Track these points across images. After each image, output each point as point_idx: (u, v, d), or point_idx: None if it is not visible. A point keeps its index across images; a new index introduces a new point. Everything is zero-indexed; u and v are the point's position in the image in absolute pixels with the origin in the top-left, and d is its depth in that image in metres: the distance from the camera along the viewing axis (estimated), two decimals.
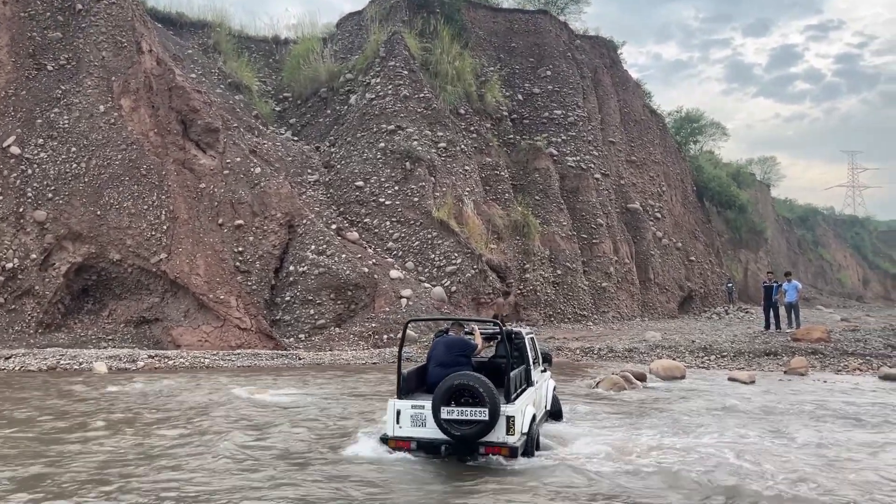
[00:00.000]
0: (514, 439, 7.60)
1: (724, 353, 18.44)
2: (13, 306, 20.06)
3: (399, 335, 20.55)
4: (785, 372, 16.00)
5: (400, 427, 7.87)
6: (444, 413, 7.57)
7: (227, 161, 22.05)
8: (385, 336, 20.85)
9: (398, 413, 7.90)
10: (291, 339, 20.71)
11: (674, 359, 17.57)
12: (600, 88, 35.72)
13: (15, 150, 21.07)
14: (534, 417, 8.31)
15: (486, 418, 7.47)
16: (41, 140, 21.32)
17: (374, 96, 27.38)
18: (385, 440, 7.98)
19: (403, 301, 21.87)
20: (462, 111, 29.27)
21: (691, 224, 39.91)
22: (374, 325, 21.24)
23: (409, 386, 8.38)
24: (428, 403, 7.74)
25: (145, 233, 20.93)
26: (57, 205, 20.80)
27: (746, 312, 35.31)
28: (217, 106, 23.51)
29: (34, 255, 20.40)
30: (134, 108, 21.97)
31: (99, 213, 20.89)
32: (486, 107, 30.58)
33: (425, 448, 7.76)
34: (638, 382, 14.23)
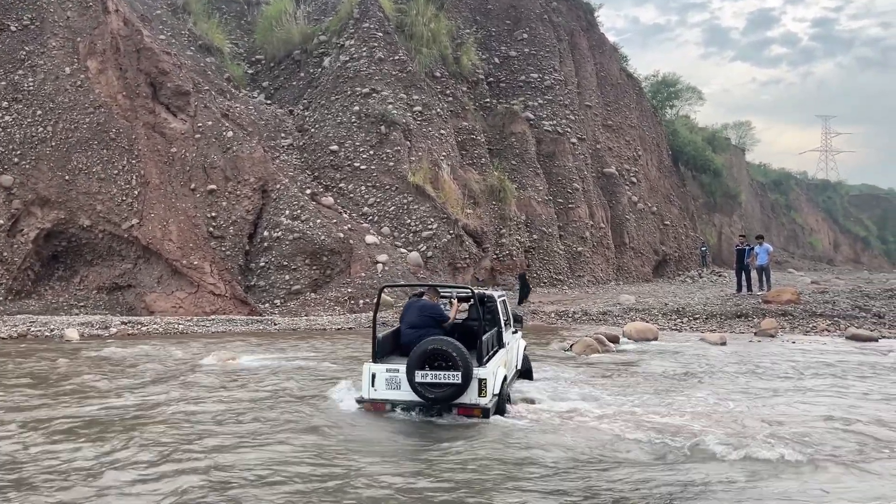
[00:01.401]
0: (486, 400, 7.80)
1: (697, 316, 18.72)
2: None
3: (375, 300, 20.62)
4: (755, 333, 16.29)
5: (375, 390, 8.04)
6: (419, 377, 7.75)
7: (199, 125, 21.67)
8: (361, 301, 20.85)
9: (373, 376, 8.03)
10: (267, 305, 20.64)
11: (647, 321, 17.81)
12: (577, 52, 35.50)
13: None
14: (505, 378, 8.49)
15: (460, 381, 7.66)
16: (5, 103, 20.77)
17: (348, 59, 26.97)
18: (360, 402, 8.11)
19: (379, 266, 21.85)
20: (438, 74, 28.96)
21: (666, 188, 40.15)
22: (349, 290, 21.22)
23: (384, 349, 8.50)
24: (402, 367, 7.89)
25: (116, 198, 20.60)
26: (24, 169, 20.36)
27: (720, 276, 35.79)
28: (187, 68, 23.02)
29: (1, 221, 20.02)
30: (101, 69, 21.44)
31: (67, 177, 20.49)
32: (462, 70, 30.29)
33: (399, 409, 7.94)
34: (611, 345, 14.41)
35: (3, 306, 19.37)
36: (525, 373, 10.47)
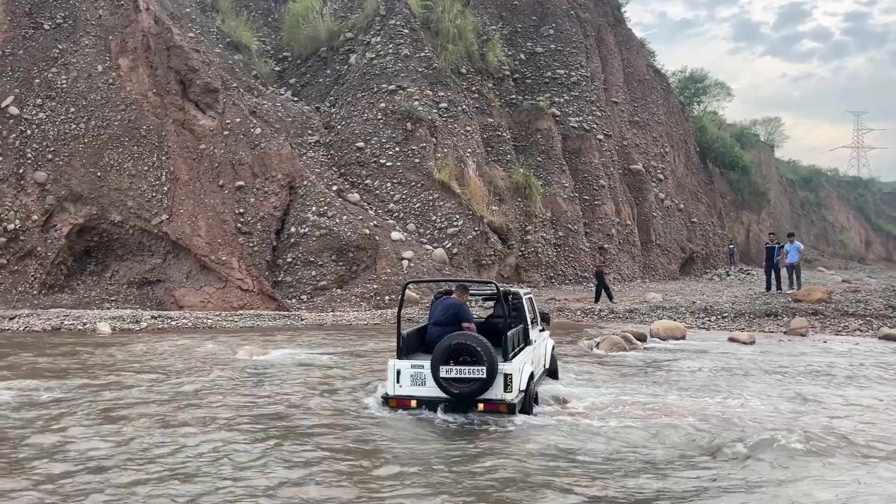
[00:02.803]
0: (512, 396, 7.75)
1: (725, 314, 18.52)
2: (16, 267, 20.14)
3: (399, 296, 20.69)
4: (785, 332, 16.08)
5: (400, 386, 8.02)
6: (443, 372, 7.72)
7: (227, 121, 21.89)
8: (387, 297, 20.94)
9: (398, 373, 8.03)
10: (293, 301, 20.81)
11: (674, 320, 17.66)
12: (604, 48, 35.25)
13: (13, 110, 20.92)
14: (531, 375, 8.42)
15: (484, 376, 7.61)
16: (39, 100, 21.16)
17: (374, 56, 27.05)
18: (386, 399, 8.12)
19: (405, 263, 21.91)
20: (463, 71, 28.93)
21: (694, 185, 39.74)
22: (375, 286, 21.32)
23: (409, 346, 8.50)
24: (427, 363, 7.88)
25: (146, 194, 20.89)
26: (57, 166, 20.73)
27: (748, 274, 35.36)
28: (216, 66, 23.25)
29: (35, 217, 20.41)
30: (132, 67, 21.74)
31: (99, 174, 20.83)
32: (488, 66, 30.21)
33: (425, 406, 7.90)
34: (638, 343, 14.32)
35: (37, 300, 19.77)
36: (551, 372, 10.41)
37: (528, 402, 8.09)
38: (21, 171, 20.60)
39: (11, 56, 21.40)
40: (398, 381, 8.01)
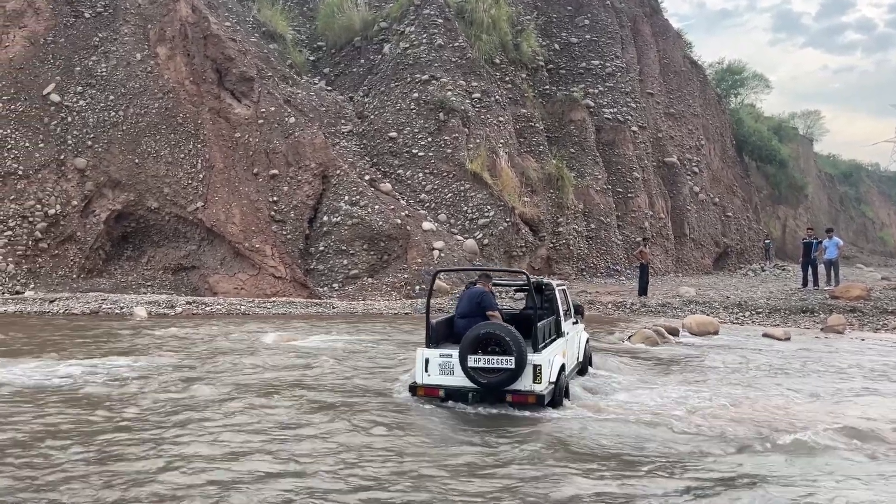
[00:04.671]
0: (541, 388, 7.68)
1: (760, 310, 18.24)
2: (56, 251, 20.60)
3: (429, 286, 20.73)
4: (822, 329, 15.79)
5: (428, 375, 8.02)
6: (472, 361, 7.70)
7: (262, 110, 22.09)
8: (417, 287, 21.00)
9: (427, 361, 8.03)
10: (325, 289, 20.98)
11: (707, 314, 17.44)
12: (639, 38, 34.78)
13: (55, 97, 21.35)
14: (562, 367, 8.32)
15: (513, 367, 7.58)
16: (80, 88, 21.56)
17: (408, 45, 27.03)
18: (414, 388, 8.12)
19: (436, 253, 21.95)
20: (497, 61, 28.76)
21: (729, 179, 39.11)
22: (406, 275, 21.39)
23: (438, 335, 8.49)
24: (455, 352, 7.85)
25: (182, 181, 21.20)
26: (97, 152, 21.13)
27: (783, 269, 34.77)
28: (252, 55, 23.45)
29: (75, 202, 20.84)
30: (170, 56, 22.03)
31: (137, 161, 21.18)
32: (522, 56, 29.99)
33: (453, 396, 7.88)
34: (671, 337, 14.18)
35: (76, 284, 20.21)
36: (584, 366, 10.31)
37: (559, 394, 8.01)
38: (62, 157, 21.04)
39: (53, 44, 21.83)
40: (426, 370, 8.01)
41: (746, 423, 7.51)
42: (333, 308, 18.63)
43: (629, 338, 13.78)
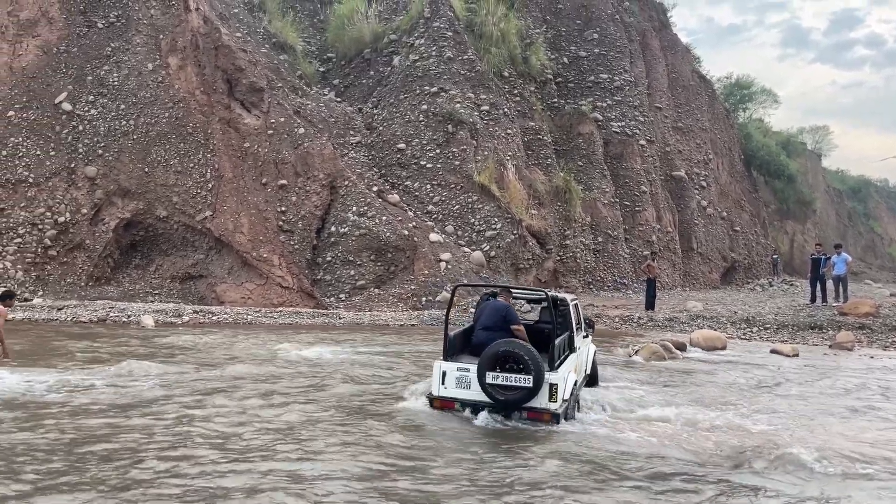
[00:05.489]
0: (557, 406, 7.72)
1: (767, 326, 18.16)
2: (65, 259, 20.69)
3: (438, 298, 20.75)
4: (830, 346, 15.71)
5: (445, 388, 8.04)
6: (490, 378, 7.73)
7: (272, 121, 22.20)
8: (424, 298, 21.00)
9: (444, 374, 8.05)
10: (332, 299, 20.99)
11: (715, 329, 17.38)
12: (648, 52, 34.87)
13: (66, 106, 21.51)
14: (575, 383, 8.44)
15: (531, 385, 7.62)
16: (91, 97, 21.72)
17: (417, 58, 27.16)
18: (430, 400, 8.15)
19: (443, 265, 21.95)
20: (506, 74, 28.86)
21: (737, 193, 39.05)
22: (413, 287, 21.39)
23: (455, 348, 8.51)
24: (473, 366, 7.89)
25: (191, 190, 21.30)
26: (107, 161, 21.26)
27: (791, 285, 34.62)
28: (262, 66, 23.60)
29: (85, 210, 20.95)
30: (181, 66, 22.18)
31: (147, 170, 21.30)
32: (531, 70, 30.10)
33: (468, 408, 7.93)
34: (677, 352, 14.13)
35: (84, 291, 20.29)
36: (591, 378, 10.33)
37: (571, 408, 8.11)
38: (72, 165, 21.18)
39: (66, 53, 22.02)
40: (443, 383, 8.04)
41: (758, 439, 7.47)
42: (340, 319, 18.64)
43: (636, 352, 13.73)
